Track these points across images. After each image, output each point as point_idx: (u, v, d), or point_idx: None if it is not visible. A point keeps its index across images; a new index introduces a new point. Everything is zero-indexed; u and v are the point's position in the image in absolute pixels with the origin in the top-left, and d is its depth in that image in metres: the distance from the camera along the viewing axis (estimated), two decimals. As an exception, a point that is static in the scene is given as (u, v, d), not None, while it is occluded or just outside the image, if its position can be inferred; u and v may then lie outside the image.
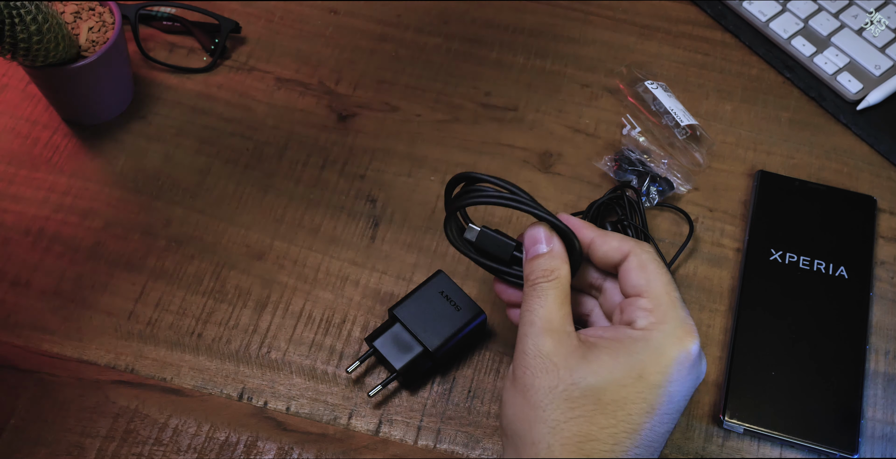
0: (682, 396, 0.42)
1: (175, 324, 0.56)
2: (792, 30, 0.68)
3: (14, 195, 0.61)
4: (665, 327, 0.42)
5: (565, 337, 0.42)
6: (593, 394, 0.40)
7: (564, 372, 0.41)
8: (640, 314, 0.43)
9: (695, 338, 0.42)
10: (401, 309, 0.53)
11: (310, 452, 0.52)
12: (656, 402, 0.40)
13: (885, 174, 0.63)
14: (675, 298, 0.43)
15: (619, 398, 0.40)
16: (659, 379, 0.41)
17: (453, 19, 0.70)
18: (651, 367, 0.41)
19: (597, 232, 0.46)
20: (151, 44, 0.68)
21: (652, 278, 0.43)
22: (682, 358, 0.41)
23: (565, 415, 0.40)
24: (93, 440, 0.52)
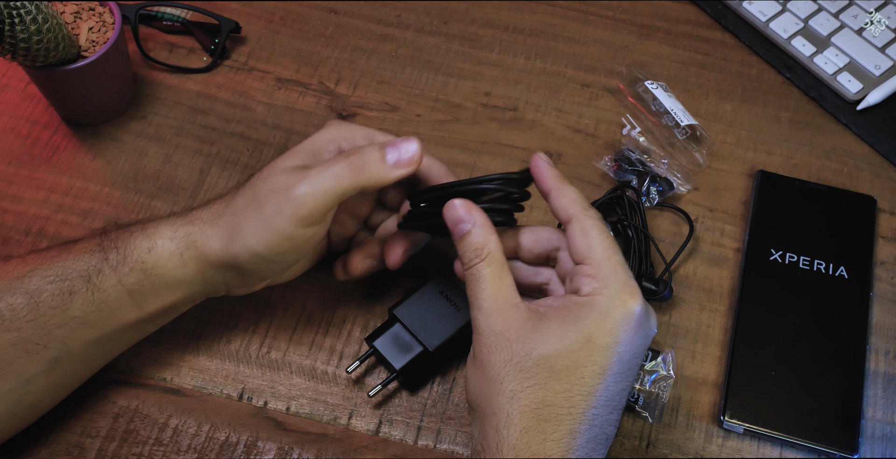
0: (632, 355, 0.43)
1: (175, 324, 0.56)
2: (792, 30, 0.68)
3: (14, 195, 0.61)
4: (607, 291, 0.43)
5: (513, 311, 0.44)
6: (545, 362, 0.42)
7: (517, 345, 0.43)
8: (585, 280, 0.44)
9: (637, 299, 0.43)
10: (401, 309, 0.53)
11: (310, 452, 0.52)
12: (607, 363, 0.42)
13: (885, 174, 0.63)
14: (615, 262, 0.44)
15: (571, 363, 0.42)
16: (606, 341, 0.42)
17: (453, 19, 0.70)
18: (598, 331, 0.42)
19: (556, 185, 0.47)
20: (151, 44, 0.68)
21: (593, 245, 0.44)
22: (627, 319, 0.43)
23: (521, 385, 0.42)
24: (93, 440, 0.52)
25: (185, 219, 0.49)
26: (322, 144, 0.50)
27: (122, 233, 0.49)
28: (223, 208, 0.49)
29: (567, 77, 0.68)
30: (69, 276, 0.47)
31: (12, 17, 0.50)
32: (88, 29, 0.59)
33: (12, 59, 0.53)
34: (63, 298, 0.47)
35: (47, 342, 0.46)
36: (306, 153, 0.49)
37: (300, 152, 0.49)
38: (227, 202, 0.49)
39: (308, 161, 0.49)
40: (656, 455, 0.53)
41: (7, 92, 0.65)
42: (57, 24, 0.53)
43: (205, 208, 0.50)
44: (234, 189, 0.50)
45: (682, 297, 0.58)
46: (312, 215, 0.46)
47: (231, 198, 0.49)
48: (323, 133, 0.51)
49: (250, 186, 0.48)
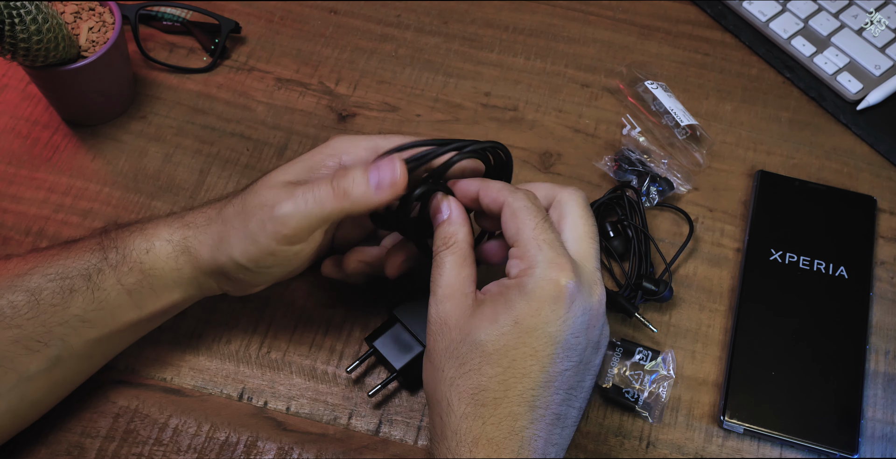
0: (570, 334, 0.42)
1: (175, 324, 0.56)
2: (792, 30, 0.68)
3: (14, 195, 0.61)
4: (533, 271, 0.42)
5: (462, 299, 0.44)
6: (478, 348, 0.42)
7: (455, 333, 0.43)
8: (513, 262, 0.44)
9: (566, 275, 0.42)
10: (401, 310, 0.53)
11: (310, 452, 0.52)
12: (538, 345, 0.42)
13: (885, 174, 0.63)
14: (542, 240, 0.43)
15: (501, 347, 0.42)
16: (534, 322, 0.42)
17: (453, 19, 0.70)
18: (524, 312, 0.42)
19: (479, 184, 0.47)
20: (151, 44, 0.68)
21: (521, 226, 0.44)
22: (554, 297, 0.42)
23: (458, 371, 0.43)
24: (93, 440, 0.52)
25: (181, 221, 0.49)
26: (321, 158, 0.49)
27: (121, 233, 0.49)
28: (216, 215, 0.49)
29: (567, 77, 0.68)
30: (69, 274, 0.47)
31: (12, 17, 0.50)
32: (88, 29, 0.59)
33: (12, 59, 0.53)
34: (63, 296, 0.47)
35: (48, 340, 0.46)
36: (303, 168, 0.49)
37: (297, 166, 0.49)
38: (219, 209, 0.49)
39: (303, 176, 0.48)
40: (656, 455, 0.53)
41: (7, 92, 0.65)
42: (57, 24, 0.53)
43: (200, 211, 0.50)
44: (232, 194, 0.50)
45: (682, 297, 0.58)
46: (295, 236, 0.46)
47: (224, 205, 0.49)
48: (324, 147, 0.50)
49: (243, 196, 0.48)
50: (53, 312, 0.47)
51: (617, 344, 0.55)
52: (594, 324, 0.44)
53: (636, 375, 0.54)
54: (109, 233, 0.49)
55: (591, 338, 0.44)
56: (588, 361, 0.44)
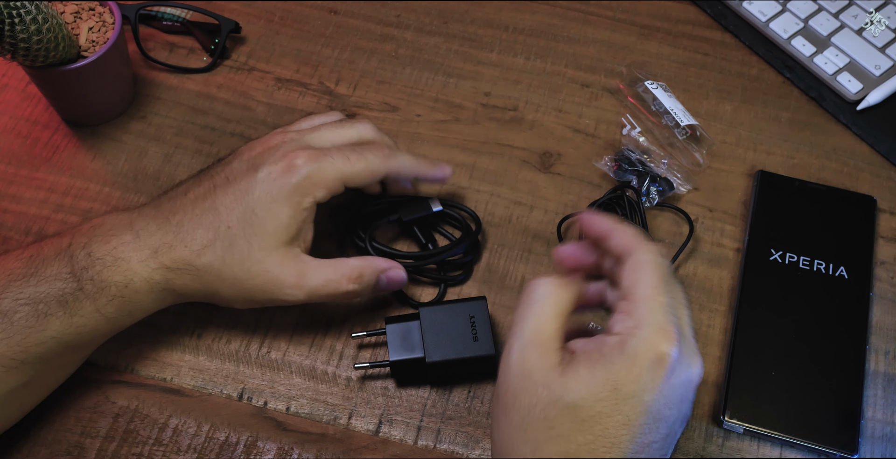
0: (664, 405, 0.40)
1: (175, 324, 0.56)
2: (792, 30, 0.68)
3: (14, 195, 0.61)
4: (640, 331, 0.40)
5: (550, 353, 0.41)
6: (570, 412, 0.40)
7: (542, 390, 0.40)
8: (619, 317, 0.41)
9: (672, 344, 0.40)
10: (427, 311, 0.52)
11: (310, 452, 0.52)
12: (632, 413, 0.39)
13: (885, 174, 0.63)
14: (659, 302, 0.40)
15: (596, 414, 0.39)
16: (633, 389, 0.39)
17: (453, 19, 0.70)
18: (624, 377, 0.39)
19: (612, 226, 0.44)
20: (151, 44, 0.68)
21: (641, 280, 0.41)
22: (656, 365, 0.39)
23: (545, 435, 0.40)
24: (93, 440, 0.52)
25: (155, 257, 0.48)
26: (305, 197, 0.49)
27: (92, 264, 0.47)
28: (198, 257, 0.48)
29: (567, 77, 0.68)
30: (43, 299, 0.46)
31: (12, 17, 0.50)
32: (88, 29, 0.59)
33: (12, 59, 0.53)
34: (38, 319, 0.46)
35: (24, 358, 0.46)
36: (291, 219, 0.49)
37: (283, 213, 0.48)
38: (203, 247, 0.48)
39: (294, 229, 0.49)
40: (656, 455, 0.53)
41: (7, 92, 0.65)
42: (57, 24, 0.53)
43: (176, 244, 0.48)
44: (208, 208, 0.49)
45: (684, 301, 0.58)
46: None
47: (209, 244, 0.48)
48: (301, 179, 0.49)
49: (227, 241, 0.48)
50: (29, 333, 0.46)
51: (617, 344, 0.55)
52: (688, 397, 0.42)
53: (636, 375, 0.54)
54: (77, 258, 0.47)
55: (682, 411, 0.41)
56: (675, 434, 0.42)
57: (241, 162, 0.50)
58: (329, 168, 0.49)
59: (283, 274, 0.48)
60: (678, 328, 0.41)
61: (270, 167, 0.49)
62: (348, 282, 0.50)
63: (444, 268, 0.58)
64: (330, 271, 0.49)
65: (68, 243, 0.48)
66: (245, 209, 0.48)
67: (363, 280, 0.50)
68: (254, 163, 0.49)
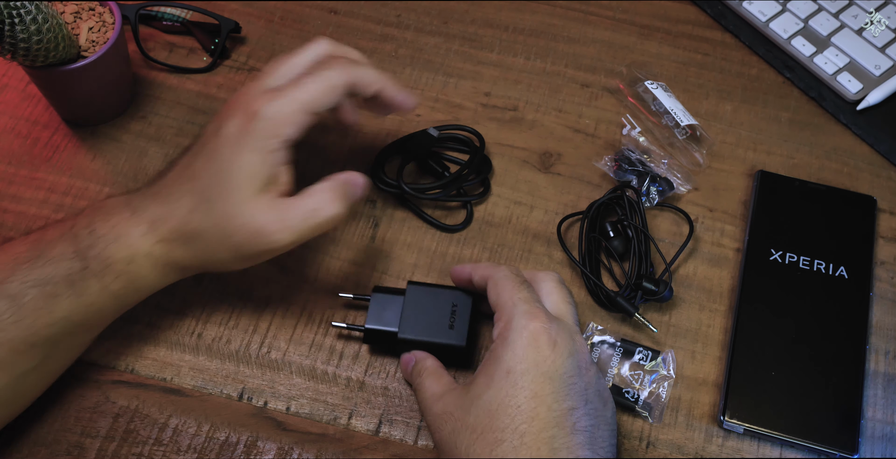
0: (564, 373, 0.44)
1: (175, 324, 0.56)
2: (792, 30, 0.68)
3: (14, 195, 0.61)
4: (512, 324, 0.46)
5: (450, 393, 0.48)
6: (485, 409, 0.44)
7: (457, 412, 0.46)
8: (497, 325, 0.47)
9: (538, 321, 0.45)
10: (414, 289, 0.54)
11: (310, 452, 0.52)
12: (535, 385, 0.44)
13: (885, 174, 0.63)
14: (519, 298, 0.47)
15: (503, 398, 0.44)
16: (524, 366, 0.44)
17: (453, 19, 0.70)
18: (513, 360, 0.44)
19: (473, 266, 0.52)
20: (151, 44, 0.68)
21: (500, 292, 0.48)
22: (535, 340, 0.45)
23: (471, 438, 0.44)
24: (93, 440, 0.52)
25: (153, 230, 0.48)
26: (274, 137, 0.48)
27: (97, 242, 0.48)
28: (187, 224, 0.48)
29: (567, 77, 0.68)
30: (51, 281, 0.46)
31: (12, 17, 0.50)
32: (88, 29, 0.59)
33: (12, 59, 0.53)
34: (47, 300, 0.46)
35: (35, 341, 0.46)
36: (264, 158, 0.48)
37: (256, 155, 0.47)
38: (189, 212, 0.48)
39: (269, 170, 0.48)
40: (656, 455, 0.53)
41: (7, 92, 0.65)
42: (57, 24, 0.53)
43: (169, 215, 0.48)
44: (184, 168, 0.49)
45: (682, 297, 0.58)
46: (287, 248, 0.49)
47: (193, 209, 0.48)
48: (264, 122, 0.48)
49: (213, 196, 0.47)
50: (38, 315, 0.46)
51: (617, 344, 0.55)
52: (585, 367, 0.46)
53: (636, 375, 0.54)
54: (80, 238, 0.48)
55: (587, 381, 0.45)
56: (596, 407, 0.45)
57: (211, 124, 0.50)
58: (285, 103, 0.47)
59: (263, 221, 0.47)
60: (545, 312, 0.47)
61: (231, 121, 0.48)
62: (329, 204, 0.48)
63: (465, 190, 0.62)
64: (307, 201, 0.48)
65: (71, 225, 0.48)
66: (216, 168, 0.47)
67: (343, 197, 0.49)
68: (219, 122, 0.49)
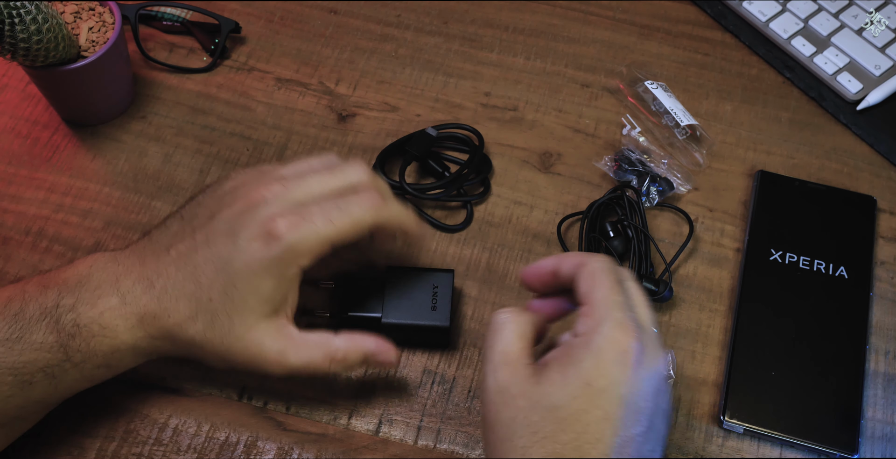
0: (639, 397, 0.41)
1: (175, 324, 0.56)
2: (792, 30, 0.68)
3: (14, 195, 0.61)
4: (602, 328, 0.42)
5: (521, 369, 0.43)
6: (550, 414, 0.41)
7: (521, 401, 0.42)
8: (581, 320, 0.43)
9: (632, 337, 0.42)
10: (394, 273, 0.54)
11: (310, 452, 0.52)
12: (609, 407, 0.41)
13: (885, 174, 0.63)
14: (615, 301, 0.43)
15: (574, 411, 0.41)
16: (604, 383, 0.41)
17: (453, 19, 0.70)
18: (594, 372, 0.41)
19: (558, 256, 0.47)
20: (151, 44, 0.68)
21: (596, 285, 0.44)
22: (621, 358, 0.41)
23: (531, 439, 0.41)
24: (93, 440, 0.52)
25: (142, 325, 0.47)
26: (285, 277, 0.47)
27: (79, 331, 0.46)
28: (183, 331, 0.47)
29: (567, 77, 0.68)
30: (29, 369, 0.45)
31: (12, 17, 0.50)
32: (88, 29, 0.59)
33: (12, 59, 0.53)
34: (22, 387, 0.45)
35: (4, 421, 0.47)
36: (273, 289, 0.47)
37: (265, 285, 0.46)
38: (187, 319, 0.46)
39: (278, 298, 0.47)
40: (656, 455, 0.53)
41: (7, 92, 0.65)
42: (57, 24, 0.53)
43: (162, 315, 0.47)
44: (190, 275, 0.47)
45: (682, 297, 0.58)
46: None
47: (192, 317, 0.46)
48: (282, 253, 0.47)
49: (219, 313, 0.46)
50: (10, 400, 0.45)
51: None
52: (662, 388, 0.43)
53: (636, 375, 0.54)
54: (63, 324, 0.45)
55: (659, 404, 0.43)
56: (658, 429, 0.43)
57: (221, 221, 0.47)
58: (311, 236, 0.46)
59: (265, 351, 0.47)
60: (637, 323, 0.42)
61: (250, 236, 0.46)
62: (330, 364, 0.48)
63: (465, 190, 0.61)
64: (313, 351, 0.48)
65: (55, 304, 0.46)
66: (226, 282, 0.46)
67: (346, 363, 0.49)
68: (233, 227, 0.46)
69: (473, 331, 0.56)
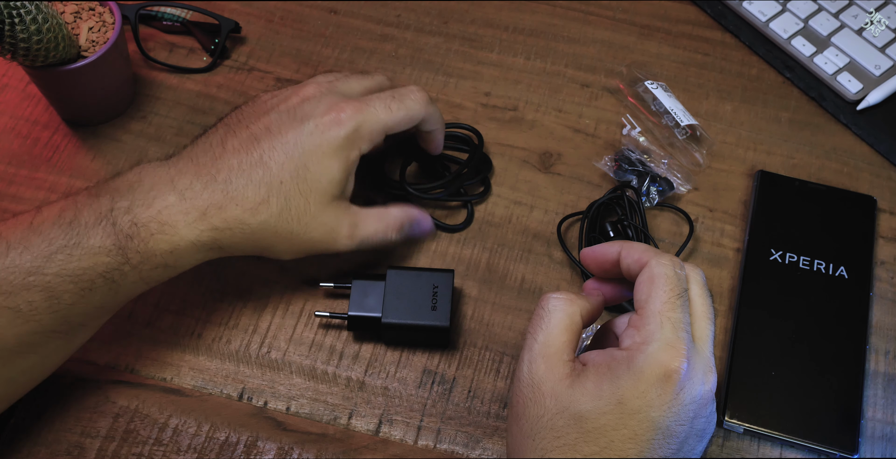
0: (674, 421, 0.40)
1: (175, 324, 0.56)
2: (792, 30, 0.68)
3: (14, 195, 0.61)
4: (648, 347, 0.40)
5: (558, 365, 0.42)
6: (576, 422, 0.40)
7: (550, 401, 0.41)
8: (629, 332, 0.41)
9: (681, 360, 0.39)
10: (395, 273, 0.54)
11: (310, 452, 0.52)
12: (639, 428, 0.39)
13: (885, 174, 0.63)
14: (669, 318, 0.40)
15: (601, 426, 0.40)
16: (638, 404, 0.39)
17: (453, 19, 0.70)
18: (630, 392, 0.39)
19: (623, 243, 0.45)
20: (151, 44, 0.68)
21: (654, 294, 0.41)
22: (663, 382, 0.39)
23: (552, 444, 0.40)
24: (93, 440, 0.52)
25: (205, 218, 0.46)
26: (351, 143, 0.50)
27: (137, 232, 0.45)
28: (254, 215, 0.47)
29: (567, 77, 0.68)
30: (89, 276, 0.45)
31: (12, 17, 0.50)
32: (88, 29, 0.59)
33: (12, 59, 0.53)
34: (83, 294, 0.45)
35: (68, 329, 0.46)
36: (341, 173, 0.49)
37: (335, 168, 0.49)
38: (258, 204, 0.47)
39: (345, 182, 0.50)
40: (656, 455, 0.53)
41: (7, 92, 0.65)
42: (57, 24, 0.53)
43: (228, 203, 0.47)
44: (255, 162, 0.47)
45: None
46: None
47: (263, 201, 0.47)
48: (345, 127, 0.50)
49: (292, 195, 0.48)
50: (73, 307, 0.45)
51: (617, 344, 0.55)
52: (701, 413, 0.41)
53: (636, 375, 0.54)
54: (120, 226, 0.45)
55: (695, 427, 0.41)
56: (689, 450, 0.41)
57: (280, 113, 0.49)
58: (373, 119, 0.50)
59: (339, 226, 0.50)
60: (689, 344, 0.40)
61: (317, 120, 0.48)
62: (393, 232, 0.52)
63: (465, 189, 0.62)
64: (377, 221, 0.52)
65: (109, 208, 0.46)
66: (297, 164, 0.48)
67: (404, 230, 0.53)
68: (297, 114, 0.49)
69: (473, 331, 0.56)
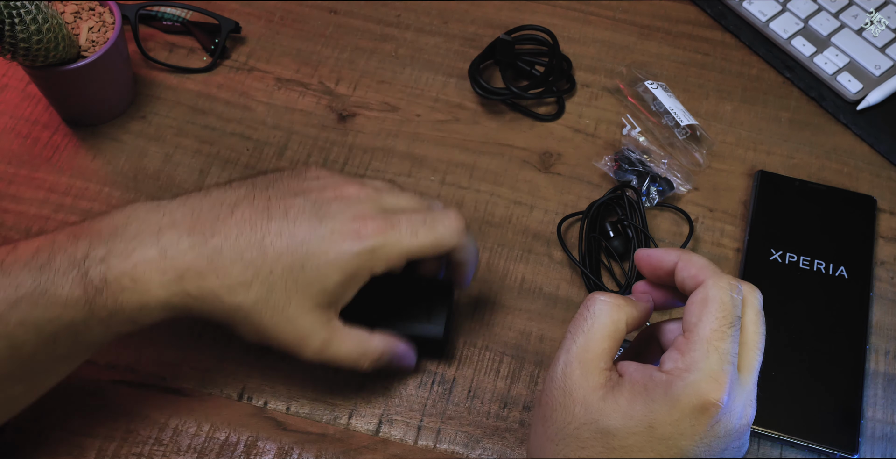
0: (703, 452, 0.38)
1: (175, 324, 0.56)
2: (792, 30, 0.68)
3: (14, 195, 0.61)
4: (689, 376, 0.38)
5: (594, 373, 0.40)
6: (602, 437, 0.39)
7: (580, 410, 0.39)
8: (672, 355, 0.39)
9: (722, 394, 0.37)
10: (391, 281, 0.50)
11: (310, 452, 0.52)
12: (666, 454, 0.38)
13: (885, 174, 0.63)
14: (716, 347, 0.38)
15: (627, 446, 0.38)
16: (669, 432, 0.38)
17: (453, 19, 0.70)
18: (663, 418, 0.38)
19: (682, 254, 0.42)
20: (151, 44, 0.68)
21: (704, 320, 0.39)
22: (699, 413, 0.38)
23: (574, 453, 0.39)
24: (93, 440, 0.52)
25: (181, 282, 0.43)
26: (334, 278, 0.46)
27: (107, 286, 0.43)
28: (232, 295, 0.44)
29: (567, 77, 0.68)
30: (53, 327, 0.43)
31: (12, 17, 0.50)
32: (88, 29, 0.59)
33: (12, 59, 0.53)
34: (46, 345, 0.43)
35: (31, 376, 0.45)
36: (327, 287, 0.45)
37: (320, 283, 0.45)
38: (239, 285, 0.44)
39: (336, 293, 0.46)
40: (656, 455, 0.53)
41: (7, 92, 0.65)
42: (57, 24, 0.53)
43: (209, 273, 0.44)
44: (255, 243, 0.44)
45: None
46: None
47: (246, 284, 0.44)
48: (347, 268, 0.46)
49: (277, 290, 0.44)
50: (35, 358, 0.43)
51: (617, 344, 0.55)
52: (732, 445, 0.39)
53: (636, 375, 0.54)
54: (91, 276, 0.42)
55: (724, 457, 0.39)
56: None
57: (308, 201, 0.46)
58: (394, 242, 0.45)
59: (311, 337, 0.46)
60: (734, 377, 0.39)
61: (336, 226, 0.45)
62: (367, 361, 0.48)
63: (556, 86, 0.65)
64: (354, 346, 0.47)
65: (85, 254, 0.43)
66: (295, 260, 0.44)
67: (381, 362, 0.49)
68: (321, 211, 0.45)
69: (473, 331, 0.56)
